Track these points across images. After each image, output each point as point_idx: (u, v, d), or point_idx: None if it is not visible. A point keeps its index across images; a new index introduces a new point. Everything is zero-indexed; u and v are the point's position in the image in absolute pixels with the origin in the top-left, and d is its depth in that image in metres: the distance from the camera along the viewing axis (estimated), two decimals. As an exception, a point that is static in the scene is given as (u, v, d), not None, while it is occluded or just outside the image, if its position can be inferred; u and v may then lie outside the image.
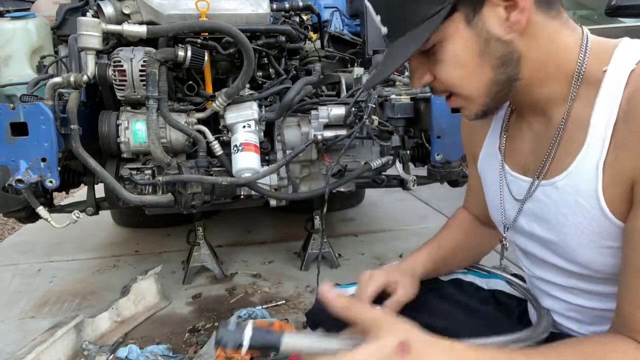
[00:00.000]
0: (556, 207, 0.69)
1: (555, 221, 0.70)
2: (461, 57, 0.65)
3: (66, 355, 1.56)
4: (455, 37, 0.64)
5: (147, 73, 1.50)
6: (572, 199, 0.66)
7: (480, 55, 0.64)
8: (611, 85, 0.61)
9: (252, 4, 1.66)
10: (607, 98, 0.61)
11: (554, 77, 0.67)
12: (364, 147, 1.90)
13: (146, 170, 1.67)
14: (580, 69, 0.64)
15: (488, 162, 0.86)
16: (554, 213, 0.70)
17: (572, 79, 0.66)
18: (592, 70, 0.64)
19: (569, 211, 0.67)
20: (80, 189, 2.26)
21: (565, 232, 0.69)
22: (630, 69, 0.60)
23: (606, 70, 0.62)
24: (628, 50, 0.63)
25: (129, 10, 1.55)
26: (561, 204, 0.68)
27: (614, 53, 0.63)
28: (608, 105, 0.61)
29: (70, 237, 2.88)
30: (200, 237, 2.23)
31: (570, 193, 0.66)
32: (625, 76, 0.60)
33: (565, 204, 0.68)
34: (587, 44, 0.65)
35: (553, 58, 0.65)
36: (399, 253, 2.52)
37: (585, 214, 0.65)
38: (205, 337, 1.73)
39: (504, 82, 0.66)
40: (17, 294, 2.21)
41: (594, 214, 0.64)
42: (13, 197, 1.65)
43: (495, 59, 0.64)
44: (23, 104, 1.40)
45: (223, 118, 1.66)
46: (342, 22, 2.49)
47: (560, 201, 0.68)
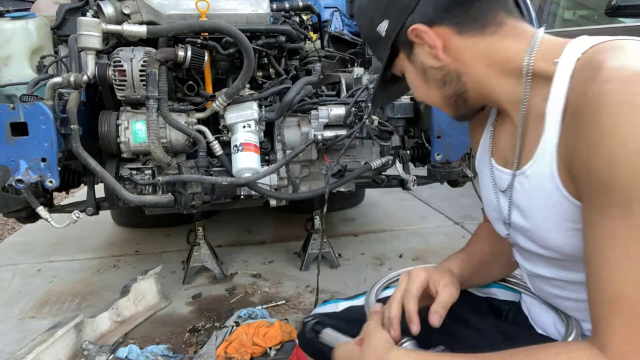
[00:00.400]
0: (529, 194, 0.74)
1: (529, 208, 0.74)
2: (414, 82, 0.84)
3: (66, 355, 1.56)
4: (407, 69, 0.84)
5: (147, 73, 1.50)
6: (538, 184, 0.71)
7: (424, 81, 0.81)
8: (562, 75, 0.66)
9: (252, 4, 1.66)
10: (558, 87, 0.66)
11: (504, 81, 0.75)
12: (364, 147, 1.90)
13: (146, 170, 1.67)
14: (527, 67, 0.71)
15: (481, 160, 0.90)
16: (527, 201, 0.74)
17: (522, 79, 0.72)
18: (542, 66, 0.70)
19: (538, 196, 0.71)
20: (80, 189, 2.26)
21: (535, 218, 0.73)
22: (577, 58, 0.65)
23: (558, 62, 0.67)
24: (580, 43, 0.67)
25: (129, 10, 1.55)
26: (531, 190, 0.73)
27: (566, 47, 0.68)
28: (559, 93, 0.66)
29: (70, 237, 2.88)
30: (200, 237, 2.23)
31: (537, 178, 0.71)
32: (572, 65, 0.65)
33: (535, 189, 0.72)
34: (534, 46, 0.71)
35: (494, 66, 0.75)
36: (399, 253, 2.52)
37: (550, 197, 0.69)
38: (205, 337, 1.73)
39: (454, 95, 0.80)
40: (17, 294, 2.21)
41: (556, 196, 0.68)
42: (13, 197, 1.65)
43: (436, 81, 0.80)
44: (23, 104, 1.39)
45: (223, 118, 1.66)
46: (342, 22, 2.49)
47: (531, 188, 0.73)
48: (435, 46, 0.75)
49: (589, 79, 0.60)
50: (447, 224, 3.05)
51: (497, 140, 0.85)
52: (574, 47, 0.67)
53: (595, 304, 0.59)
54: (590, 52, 0.64)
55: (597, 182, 0.57)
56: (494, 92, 0.77)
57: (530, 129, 0.72)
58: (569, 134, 0.64)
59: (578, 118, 0.61)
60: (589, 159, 0.58)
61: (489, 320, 0.94)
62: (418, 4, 0.75)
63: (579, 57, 0.65)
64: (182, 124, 1.60)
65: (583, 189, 0.61)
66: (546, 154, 0.68)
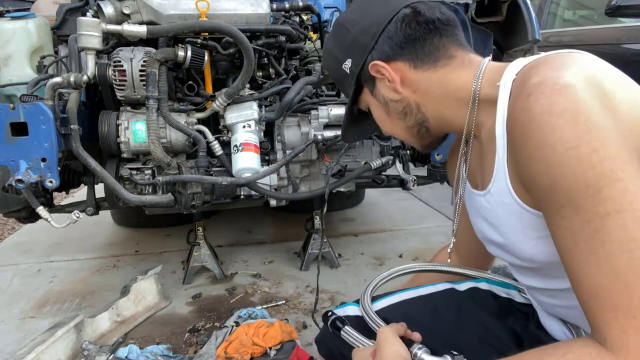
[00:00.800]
0: (496, 211, 0.76)
1: (499, 225, 0.77)
2: (379, 116, 0.91)
3: (66, 355, 1.56)
4: (371, 103, 0.91)
5: (147, 73, 1.50)
6: (500, 200, 0.74)
7: (387, 113, 0.88)
8: (502, 97, 0.71)
9: (252, 4, 1.66)
10: (501, 108, 0.70)
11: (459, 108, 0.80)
12: (364, 147, 1.90)
13: (146, 170, 1.67)
14: (475, 93, 0.77)
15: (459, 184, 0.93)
16: (496, 217, 0.77)
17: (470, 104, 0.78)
18: (487, 91, 0.76)
19: (502, 212, 0.74)
20: (80, 189, 2.27)
21: (505, 232, 0.76)
22: (512, 79, 0.70)
23: (499, 85, 0.72)
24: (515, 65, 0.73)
25: (129, 10, 1.55)
26: (496, 207, 0.76)
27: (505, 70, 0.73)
28: (502, 114, 0.71)
29: (70, 237, 2.88)
30: (200, 237, 2.23)
31: (499, 195, 0.74)
32: (509, 85, 0.70)
33: (499, 206, 0.75)
34: (480, 73, 0.78)
35: (449, 95, 0.81)
36: (399, 253, 2.52)
37: (511, 211, 0.72)
38: (205, 337, 1.73)
39: (416, 125, 0.86)
40: (17, 294, 2.21)
41: (515, 208, 0.71)
42: (13, 197, 1.65)
43: (398, 113, 0.86)
44: (23, 104, 1.39)
45: (223, 118, 1.66)
46: (342, 22, 2.49)
47: (496, 205, 0.76)
48: (394, 80, 0.82)
49: (518, 96, 0.65)
50: (447, 224, 3.05)
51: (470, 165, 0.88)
52: (511, 69, 0.72)
53: (582, 302, 0.60)
54: (522, 71, 0.70)
55: (542, 189, 0.61)
56: (453, 119, 0.82)
57: (489, 150, 0.76)
58: (512, 149, 0.68)
59: (514, 133, 0.66)
60: (530, 169, 0.62)
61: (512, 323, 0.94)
62: (377, 42, 0.83)
63: (514, 78, 0.70)
64: (182, 124, 1.60)
65: (536, 198, 0.65)
66: (501, 171, 0.72)
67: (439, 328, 0.91)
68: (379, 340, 0.76)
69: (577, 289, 0.61)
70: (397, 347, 0.74)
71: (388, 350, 0.73)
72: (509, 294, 1.02)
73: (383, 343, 0.75)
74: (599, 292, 0.57)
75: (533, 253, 0.73)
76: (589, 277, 0.58)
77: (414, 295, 1.02)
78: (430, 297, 1.01)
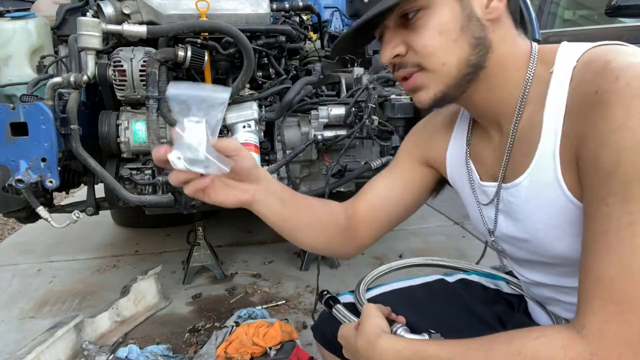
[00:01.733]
0: (525, 206, 0.73)
1: (527, 221, 0.74)
2: (445, 25, 0.68)
3: (66, 355, 1.56)
4: (444, 5, 0.68)
5: (147, 73, 1.50)
6: (538, 194, 0.70)
7: (462, 29, 0.68)
8: (558, 83, 0.67)
9: (252, 4, 1.66)
10: (556, 94, 0.67)
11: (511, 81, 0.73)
12: (364, 147, 1.90)
13: (146, 170, 1.67)
14: (530, 74, 0.71)
15: (459, 172, 0.88)
16: (524, 213, 0.74)
17: (522, 84, 0.72)
18: (540, 74, 0.70)
19: (537, 207, 0.71)
20: (80, 189, 2.26)
21: (537, 229, 0.72)
22: (573, 66, 0.66)
23: (552, 72, 0.68)
24: (568, 52, 0.69)
25: (129, 10, 1.55)
26: (529, 202, 0.72)
27: (556, 56, 0.69)
28: (557, 100, 0.66)
29: (70, 237, 2.88)
30: (200, 237, 2.23)
31: (536, 188, 0.70)
32: (570, 73, 0.66)
33: (533, 201, 0.71)
34: (536, 51, 0.72)
35: (512, 60, 0.72)
36: (399, 253, 2.52)
37: (552, 205, 0.68)
38: (205, 337, 1.73)
39: (473, 65, 0.70)
40: (17, 294, 2.21)
41: (560, 202, 0.67)
42: (13, 197, 1.65)
43: (473, 38, 0.69)
44: (23, 104, 1.39)
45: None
46: (342, 22, 2.49)
47: (528, 200, 0.72)
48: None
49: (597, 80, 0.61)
50: (447, 224, 3.05)
51: (477, 154, 0.84)
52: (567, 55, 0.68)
53: (581, 286, 0.60)
54: (587, 58, 0.65)
55: (601, 173, 0.58)
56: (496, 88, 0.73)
57: (523, 140, 0.72)
58: (573, 133, 0.64)
59: (586, 115, 0.61)
60: (596, 150, 0.59)
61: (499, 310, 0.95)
62: None
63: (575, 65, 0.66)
64: (182, 124, 1.60)
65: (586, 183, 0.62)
66: (545, 160, 0.68)
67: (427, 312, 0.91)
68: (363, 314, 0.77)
69: (582, 270, 0.60)
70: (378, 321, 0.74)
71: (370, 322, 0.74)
72: (497, 285, 1.03)
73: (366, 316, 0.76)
74: (601, 278, 0.56)
75: (565, 250, 0.70)
76: (600, 263, 0.57)
77: (406, 285, 1.03)
78: (421, 287, 1.02)
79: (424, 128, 0.97)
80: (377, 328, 0.73)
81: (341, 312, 0.87)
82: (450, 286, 1.02)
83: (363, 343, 0.72)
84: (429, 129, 0.95)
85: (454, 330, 0.81)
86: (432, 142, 0.93)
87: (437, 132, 0.92)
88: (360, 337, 0.73)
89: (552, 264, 0.75)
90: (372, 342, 0.71)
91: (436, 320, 0.86)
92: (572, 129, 0.64)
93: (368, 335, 0.72)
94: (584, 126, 0.62)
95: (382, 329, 0.73)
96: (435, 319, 0.88)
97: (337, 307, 0.89)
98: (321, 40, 2.17)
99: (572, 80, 0.65)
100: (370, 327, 0.73)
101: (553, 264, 0.75)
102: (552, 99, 0.67)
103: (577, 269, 0.70)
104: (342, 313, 0.87)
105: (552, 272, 0.78)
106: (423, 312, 0.91)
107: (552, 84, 0.67)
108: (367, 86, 1.70)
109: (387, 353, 0.69)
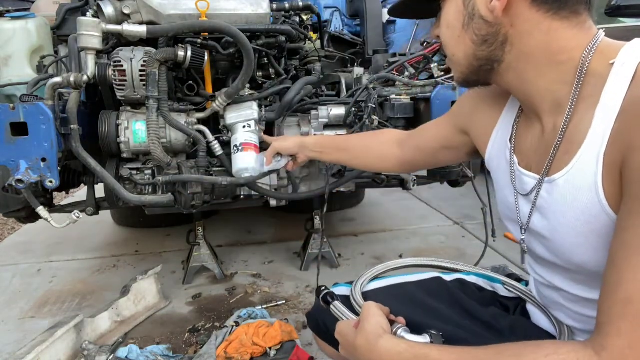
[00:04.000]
0: (555, 205, 0.70)
1: (553, 220, 0.71)
2: (450, 21, 0.73)
3: (66, 355, 1.56)
4: (452, 2, 0.72)
5: (147, 73, 1.50)
6: (571, 196, 0.66)
7: (464, 26, 0.71)
8: (617, 78, 0.62)
9: (252, 4, 1.66)
10: (613, 90, 0.62)
11: (546, 72, 0.68)
12: (364, 147, 1.90)
13: (146, 170, 1.67)
14: (583, 66, 0.65)
15: (499, 154, 0.85)
16: (552, 211, 0.71)
17: (574, 78, 0.66)
18: (596, 67, 0.65)
19: (567, 209, 0.67)
20: (80, 189, 2.26)
21: (561, 230, 0.69)
22: (638, 62, 0.61)
23: (613, 63, 0.63)
24: (636, 46, 0.63)
25: (129, 10, 1.54)
26: (560, 201, 0.69)
27: (621, 49, 0.64)
28: (613, 97, 0.62)
29: (70, 237, 2.89)
30: (200, 237, 2.24)
31: (570, 190, 0.67)
32: (633, 69, 0.61)
33: (564, 201, 0.68)
34: (595, 44, 0.66)
35: (546, 52, 0.67)
36: (399, 253, 2.52)
37: (583, 211, 0.65)
38: (205, 337, 1.73)
39: (485, 59, 0.71)
40: (17, 294, 2.21)
41: (593, 210, 0.64)
42: (13, 197, 1.65)
43: (476, 35, 0.70)
44: (23, 104, 1.39)
45: (223, 118, 1.66)
46: (342, 22, 2.49)
47: (560, 199, 0.69)
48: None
49: None
50: (447, 224, 3.05)
51: (520, 140, 0.80)
52: (633, 50, 0.63)
53: (607, 303, 0.56)
54: None
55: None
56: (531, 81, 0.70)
57: (569, 135, 0.67)
58: (622, 139, 0.59)
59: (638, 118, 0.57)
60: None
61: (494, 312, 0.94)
62: None
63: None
64: (182, 124, 1.60)
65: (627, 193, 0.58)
66: (588, 163, 0.64)
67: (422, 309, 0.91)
68: (364, 311, 0.77)
69: (609, 286, 0.56)
70: (380, 320, 0.74)
71: (371, 321, 0.74)
72: (493, 288, 1.03)
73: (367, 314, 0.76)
74: (632, 300, 0.53)
75: (587, 260, 0.67)
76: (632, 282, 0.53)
77: (402, 281, 1.03)
78: (417, 283, 1.02)
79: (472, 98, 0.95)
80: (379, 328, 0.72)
81: (339, 309, 0.88)
82: (446, 284, 1.02)
83: (363, 342, 0.71)
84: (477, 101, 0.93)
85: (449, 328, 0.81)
86: (477, 115, 0.91)
87: (486, 108, 0.89)
88: (360, 335, 0.73)
89: (568, 269, 0.73)
90: (373, 342, 0.70)
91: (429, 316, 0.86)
92: (622, 134, 0.60)
93: (368, 335, 0.71)
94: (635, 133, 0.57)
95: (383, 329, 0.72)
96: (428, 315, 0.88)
97: (335, 304, 0.89)
98: (321, 40, 2.17)
99: (634, 80, 0.60)
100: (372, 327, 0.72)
101: (568, 269, 0.73)
102: (607, 96, 0.62)
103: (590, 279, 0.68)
104: (341, 310, 0.87)
105: (567, 277, 0.76)
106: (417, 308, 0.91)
107: (610, 80, 0.62)
108: (367, 86, 1.70)
109: (387, 354, 0.68)
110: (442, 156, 1.06)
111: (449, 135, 1.00)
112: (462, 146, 0.99)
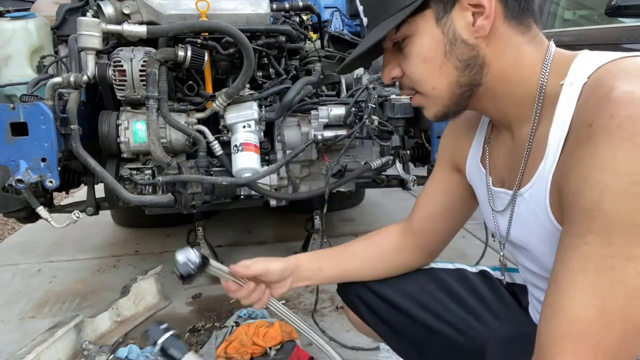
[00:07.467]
0: (527, 216, 0.72)
1: (526, 230, 0.73)
2: (427, 53, 0.68)
3: (66, 355, 1.56)
4: (424, 33, 0.67)
5: (147, 73, 1.50)
6: (534, 208, 0.69)
7: (446, 54, 0.67)
8: (566, 100, 0.63)
9: (252, 4, 1.66)
10: (562, 112, 0.63)
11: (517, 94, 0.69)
12: (364, 147, 1.90)
13: (146, 170, 1.67)
14: (541, 87, 0.67)
15: (475, 175, 0.87)
16: (524, 223, 0.73)
17: (535, 97, 0.68)
18: (552, 86, 0.66)
19: (533, 221, 0.70)
20: (80, 189, 2.26)
21: (533, 242, 0.72)
22: (583, 82, 0.62)
23: (563, 84, 0.64)
24: (584, 64, 0.64)
25: (129, 10, 1.55)
26: (527, 214, 0.72)
27: (570, 66, 0.65)
28: (563, 119, 0.63)
29: (70, 237, 2.88)
30: (200, 237, 2.23)
31: (533, 204, 0.69)
32: (578, 90, 0.62)
33: (530, 214, 0.71)
34: (549, 58, 0.67)
35: (515, 72, 0.68)
36: (399, 253, 2.52)
37: (542, 224, 0.68)
38: (205, 337, 1.73)
39: (467, 85, 0.69)
40: (17, 294, 2.21)
41: (547, 225, 0.67)
42: (13, 197, 1.65)
43: (459, 60, 0.67)
44: (23, 104, 1.39)
45: (223, 118, 1.66)
46: (342, 22, 2.49)
47: (527, 211, 0.71)
48: (489, 16, 0.64)
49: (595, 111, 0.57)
50: (447, 224, 3.04)
51: (492, 157, 0.82)
52: (580, 69, 0.63)
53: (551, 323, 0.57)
54: (597, 77, 0.61)
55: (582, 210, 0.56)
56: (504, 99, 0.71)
57: (533, 151, 0.69)
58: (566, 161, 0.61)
59: (578, 147, 0.58)
60: (578, 186, 0.57)
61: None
62: None
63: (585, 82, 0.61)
64: (182, 124, 1.60)
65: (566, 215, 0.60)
66: (542, 181, 0.66)
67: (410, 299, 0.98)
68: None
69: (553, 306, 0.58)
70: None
71: None
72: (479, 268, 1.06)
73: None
74: (576, 320, 0.54)
75: None
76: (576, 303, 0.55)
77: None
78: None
79: (449, 132, 0.97)
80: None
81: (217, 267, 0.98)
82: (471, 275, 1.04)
83: None
84: (453, 133, 0.93)
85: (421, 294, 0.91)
86: (456, 145, 0.91)
87: (461, 135, 0.90)
88: None
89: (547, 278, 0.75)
90: None
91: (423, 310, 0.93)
92: (565, 156, 0.62)
93: None
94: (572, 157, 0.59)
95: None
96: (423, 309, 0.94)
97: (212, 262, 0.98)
98: (321, 40, 2.17)
99: (580, 99, 0.61)
100: None
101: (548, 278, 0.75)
102: (558, 116, 0.63)
103: None
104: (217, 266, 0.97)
105: None
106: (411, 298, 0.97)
107: (561, 100, 0.63)
108: (367, 86, 1.70)
109: None
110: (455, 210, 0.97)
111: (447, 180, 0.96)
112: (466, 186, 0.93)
